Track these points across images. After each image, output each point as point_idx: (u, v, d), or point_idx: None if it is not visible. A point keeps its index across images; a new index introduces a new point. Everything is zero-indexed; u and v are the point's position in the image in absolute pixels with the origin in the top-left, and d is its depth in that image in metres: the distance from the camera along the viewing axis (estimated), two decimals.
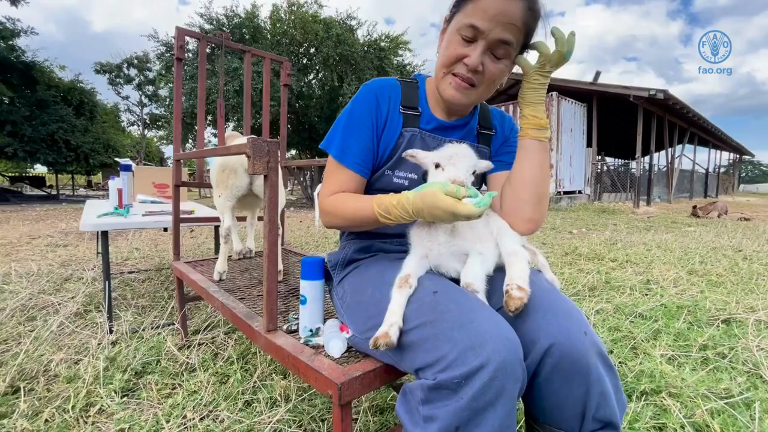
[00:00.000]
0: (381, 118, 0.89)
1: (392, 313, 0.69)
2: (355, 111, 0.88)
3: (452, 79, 0.83)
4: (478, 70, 0.80)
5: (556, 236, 5.02)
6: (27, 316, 1.96)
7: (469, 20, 0.77)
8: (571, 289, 2.51)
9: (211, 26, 8.91)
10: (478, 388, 0.56)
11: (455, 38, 0.80)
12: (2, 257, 3.42)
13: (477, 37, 0.78)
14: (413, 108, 0.90)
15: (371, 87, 0.90)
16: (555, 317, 0.67)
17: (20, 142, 11.49)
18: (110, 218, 1.84)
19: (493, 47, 0.79)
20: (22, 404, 1.20)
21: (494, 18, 0.75)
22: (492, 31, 0.76)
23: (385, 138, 0.89)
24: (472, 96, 0.85)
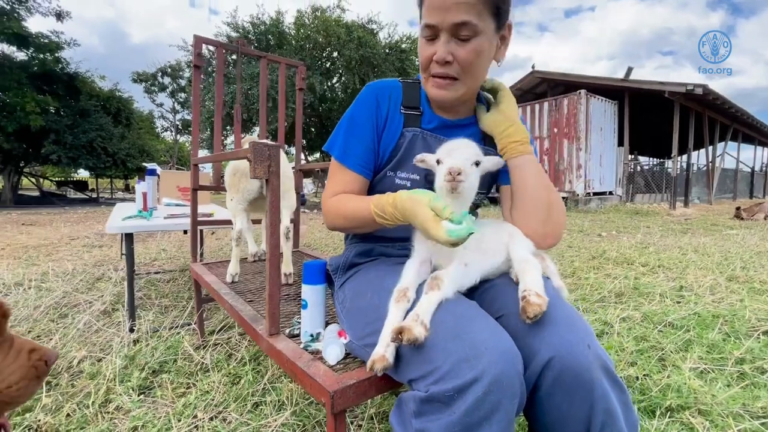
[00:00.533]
0: (381, 119, 0.88)
1: (386, 329, 0.66)
2: (356, 113, 0.88)
3: (432, 81, 0.83)
4: (448, 60, 0.78)
5: (584, 239, 4.83)
6: (59, 314, 2.07)
7: (424, 21, 0.78)
8: (596, 295, 2.40)
9: (237, 34, 9.19)
10: (471, 403, 0.54)
11: (421, 42, 0.81)
12: (44, 257, 3.64)
13: (437, 33, 0.78)
14: (414, 108, 0.89)
15: (372, 88, 0.90)
16: (556, 328, 0.63)
17: (64, 148, 12.25)
18: (134, 221, 1.91)
19: (454, 33, 0.76)
20: (44, 398, 1.26)
21: (441, 7, 0.74)
22: (444, 20, 0.75)
23: (386, 138, 0.88)
24: (460, 89, 0.83)
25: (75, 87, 13.19)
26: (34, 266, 3.16)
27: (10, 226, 6.24)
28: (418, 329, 0.60)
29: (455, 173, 0.65)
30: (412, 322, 0.61)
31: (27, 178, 16.23)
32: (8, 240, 4.73)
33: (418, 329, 0.60)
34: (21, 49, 11.92)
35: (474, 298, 0.79)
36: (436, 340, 0.60)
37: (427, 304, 0.64)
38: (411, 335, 0.59)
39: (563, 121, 10.38)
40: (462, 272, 0.69)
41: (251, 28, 9.28)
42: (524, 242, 0.82)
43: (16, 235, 5.13)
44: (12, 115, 11.14)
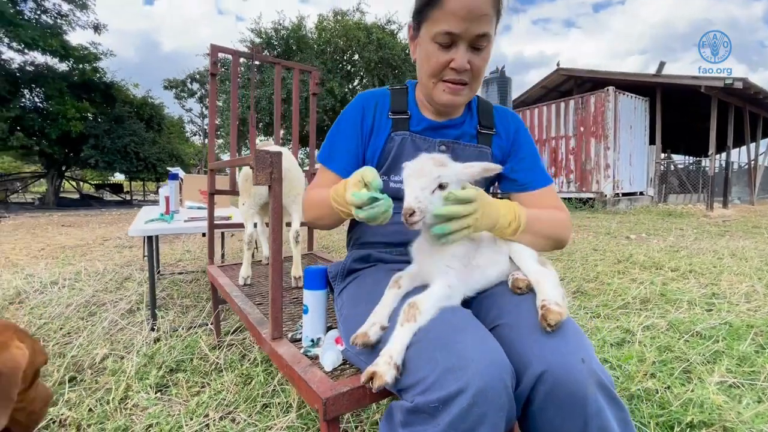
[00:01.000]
0: (366, 127, 0.91)
1: (375, 313, 0.69)
2: (341, 122, 0.93)
3: (444, 86, 0.83)
4: (466, 69, 0.80)
5: (610, 242, 4.65)
6: (88, 312, 2.18)
7: (442, 27, 0.76)
8: (619, 301, 2.30)
9: (261, 39, 9.44)
10: (456, 414, 0.53)
11: (433, 47, 0.80)
12: (79, 257, 3.84)
13: (455, 40, 0.78)
14: (402, 112, 0.91)
15: (359, 98, 0.94)
16: (549, 340, 0.61)
17: (101, 153, 12.94)
18: (155, 224, 1.99)
19: (473, 42, 0.78)
20: (67, 393, 1.32)
21: (466, 17, 0.75)
22: (468, 30, 0.76)
23: (374, 144, 0.90)
24: (468, 94, 0.85)
25: (111, 95, 13.92)
26: (69, 266, 3.35)
27: (51, 227, 6.64)
28: (390, 374, 0.58)
29: (407, 215, 0.61)
30: (385, 366, 0.58)
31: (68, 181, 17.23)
32: (48, 240, 5.03)
33: (390, 374, 0.58)
34: (63, 60, 12.68)
35: (471, 305, 0.78)
36: (424, 349, 0.59)
37: (402, 339, 0.61)
38: (382, 381, 0.57)
39: (590, 119, 10.04)
40: (445, 294, 0.66)
41: (273, 33, 9.50)
42: (528, 252, 0.80)
43: (56, 236, 5.45)
44: (55, 122, 11.89)
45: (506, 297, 0.74)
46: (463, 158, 0.89)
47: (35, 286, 2.61)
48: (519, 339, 0.64)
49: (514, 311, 0.69)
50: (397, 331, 0.62)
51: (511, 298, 0.73)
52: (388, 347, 0.61)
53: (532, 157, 0.93)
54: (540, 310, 0.65)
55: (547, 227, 0.80)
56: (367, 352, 0.69)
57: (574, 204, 9.98)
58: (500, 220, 0.72)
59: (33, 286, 2.62)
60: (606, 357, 1.55)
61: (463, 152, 0.90)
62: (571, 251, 4.04)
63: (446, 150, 0.89)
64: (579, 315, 2.12)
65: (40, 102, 12.89)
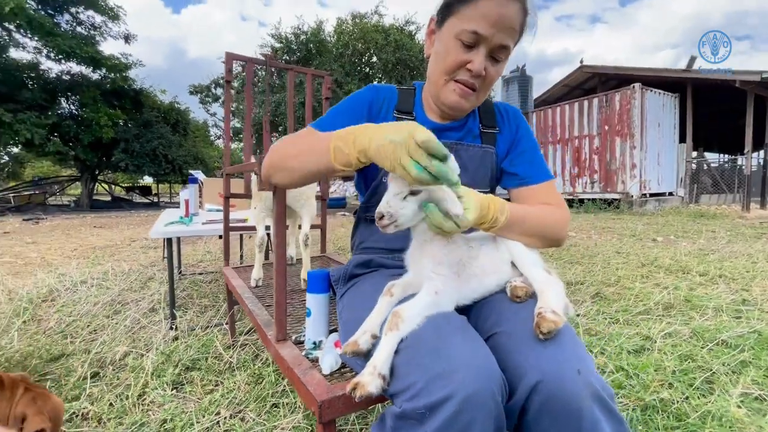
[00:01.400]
0: (373, 113, 0.90)
1: (368, 321, 0.69)
2: (348, 102, 0.90)
3: (455, 86, 0.82)
4: (482, 74, 0.79)
5: (635, 244, 4.49)
6: (113, 310, 2.29)
7: (470, 26, 0.76)
8: (641, 306, 2.22)
9: (281, 44, 9.62)
10: (442, 421, 0.52)
11: (454, 44, 0.79)
12: (107, 257, 4.03)
13: (478, 42, 0.77)
14: (407, 113, 0.90)
15: (370, 87, 0.93)
16: (545, 350, 0.60)
17: (130, 157, 13.53)
18: (174, 227, 2.07)
19: (494, 51, 0.78)
20: (90, 388, 1.39)
21: (496, 23, 0.74)
22: (494, 36, 0.76)
23: None
24: (474, 100, 0.85)
25: (140, 101, 14.52)
26: (99, 265, 3.51)
27: (84, 228, 6.97)
28: (374, 384, 0.57)
29: (377, 218, 0.63)
30: (369, 377, 0.58)
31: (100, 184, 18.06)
32: (81, 241, 5.29)
33: (374, 384, 0.57)
34: (96, 69, 13.33)
35: (470, 312, 0.78)
36: (413, 355, 0.59)
37: (386, 348, 0.61)
38: (364, 391, 0.57)
39: (615, 117, 9.73)
40: (431, 301, 0.65)
41: (293, 38, 9.67)
42: (533, 258, 0.78)
43: (88, 237, 5.72)
44: (88, 129, 12.50)
45: (505, 304, 0.73)
46: (467, 159, 0.89)
47: (66, 285, 2.75)
48: (515, 347, 0.64)
49: (512, 319, 0.69)
50: (382, 341, 0.62)
51: (510, 305, 0.73)
52: (373, 357, 0.61)
53: (532, 151, 0.92)
54: (536, 317, 0.64)
55: (535, 225, 0.78)
56: (362, 358, 0.70)
57: (598, 205, 9.68)
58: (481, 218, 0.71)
59: (64, 285, 2.76)
60: (622, 365, 1.50)
61: (466, 153, 0.90)
62: (592, 254, 3.92)
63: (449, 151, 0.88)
64: (597, 320, 2.06)
65: (75, 109, 13.59)
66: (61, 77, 13.39)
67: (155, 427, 1.22)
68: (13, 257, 4.12)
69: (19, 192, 15.73)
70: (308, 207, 1.53)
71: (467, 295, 0.74)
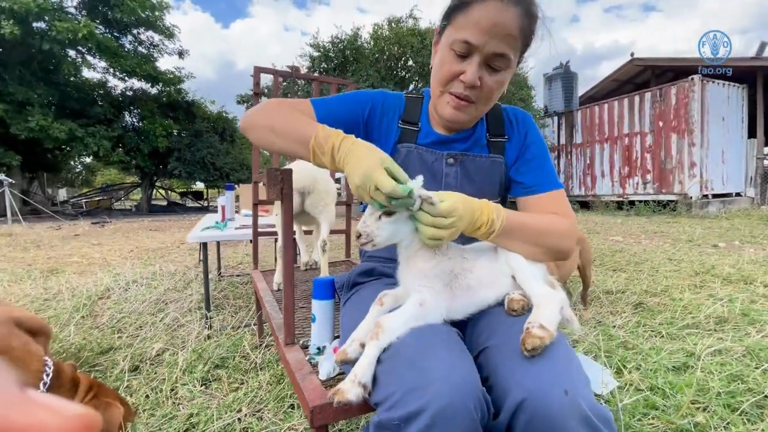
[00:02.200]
0: (373, 117, 0.88)
1: (358, 330, 0.70)
2: (355, 96, 0.89)
3: (450, 98, 0.80)
4: (476, 85, 0.76)
5: (690, 251, 4.13)
6: (158, 308, 2.47)
7: (462, 35, 0.73)
8: (688, 319, 2.04)
9: (319, 53, 9.92)
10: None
11: (448, 54, 0.77)
12: (158, 258, 4.35)
13: (471, 52, 0.74)
14: (413, 123, 0.88)
15: (380, 92, 0.91)
16: (533, 367, 0.58)
17: (183, 164, 14.57)
18: (209, 231, 2.20)
19: (489, 60, 0.75)
20: (131, 381, 1.52)
21: (488, 31, 0.71)
22: (487, 44, 0.72)
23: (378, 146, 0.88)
24: (472, 112, 0.81)
25: (192, 112, 15.61)
26: (149, 266, 3.80)
27: (141, 231, 7.58)
28: (353, 392, 0.59)
29: (356, 237, 0.66)
30: (349, 384, 0.59)
31: (158, 190, 19.58)
32: (137, 243, 5.76)
33: (353, 392, 0.59)
34: (154, 85, 14.52)
35: (466, 325, 0.76)
36: (395, 366, 0.60)
37: (367, 357, 0.62)
38: (343, 398, 0.58)
39: (670, 112, 9.02)
40: (416, 313, 0.65)
41: (331, 46, 9.94)
42: (533, 272, 0.75)
43: (144, 240, 6.22)
44: (147, 139, 13.62)
45: (500, 318, 0.71)
46: (474, 170, 0.87)
47: (120, 284, 3.01)
48: (503, 363, 0.62)
49: (504, 333, 0.67)
50: (365, 350, 0.63)
51: (505, 319, 0.70)
52: (355, 366, 0.62)
53: (541, 159, 0.87)
54: (523, 333, 0.62)
55: (536, 235, 0.75)
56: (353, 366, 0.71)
57: (651, 207, 9.00)
58: (475, 223, 0.70)
59: (118, 284, 3.02)
60: (657, 383, 1.39)
61: (473, 164, 0.87)
62: (639, 260, 3.66)
63: (454, 163, 0.86)
64: (636, 333, 1.92)
65: (136, 122, 14.87)
66: (125, 93, 14.74)
67: (182, 420, 1.30)
68: (80, 257, 4.57)
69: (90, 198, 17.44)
70: (327, 213, 1.56)
71: (461, 308, 0.73)
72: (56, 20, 10.85)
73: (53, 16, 10.94)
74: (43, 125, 11.01)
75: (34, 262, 4.21)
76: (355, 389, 0.59)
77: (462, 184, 0.85)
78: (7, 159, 11.46)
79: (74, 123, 11.96)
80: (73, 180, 27.93)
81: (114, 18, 12.72)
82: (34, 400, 0.14)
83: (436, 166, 0.85)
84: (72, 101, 12.97)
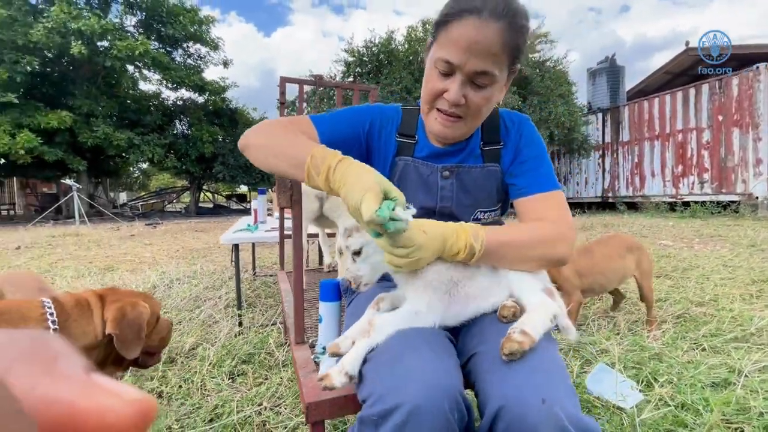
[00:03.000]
0: (373, 131, 0.88)
1: (352, 328, 0.73)
2: (354, 111, 0.89)
3: (437, 115, 0.80)
4: (460, 103, 0.75)
5: (751, 256, 3.77)
6: (195, 305, 2.64)
7: (442, 54, 0.73)
8: (737, 332, 1.88)
9: (353, 58, 10.10)
10: (390, 429, 0.55)
11: (433, 72, 0.77)
12: (200, 257, 4.64)
13: (453, 70, 0.73)
14: (409, 136, 0.88)
15: (377, 106, 0.92)
16: (512, 375, 0.58)
17: (227, 169, 15.41)
18: (241, 233, 2.32)
19: (472, 78, 0.73)
20: (166, 372, 1.64)
21: (467, 49, 0.70)
22: (467, 63, 0.71)
23: (375, 162, 0.89)
24: (462, 128, 0.80)
25: (235, 119, 16.49)
26: (192, 265, 4.06)
27: (188, 232, 8.10)
28: (338, 379, 0.64)
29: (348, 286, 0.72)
30: (336, 372, 0.64)
31: (204, 193, 20.82)
32: (184, 243, 6.16)
33: (338, 379, 0.64)
34: (201, 94, 15.50)
35: (460, 330, 0.77)
36: (379, 364, 0.62)
37: (355, 351, 0.66)
38: (329, 382, 0.63)
39: (731, 105, 8.28)
40: (409, 319, 0.68)
41: (365, 51, 10.08)
42: (529, 280, 0.75)
43: (190, 240, 6.64)
44: (195, 145, 14.53)
45: (491, 325, 0.71)
46: (469, 182, 0.87)
47: (165, 281, 3.25)
48: (487, 369, 0.62)
49: (491, 340, 0.67)
50: (355, 344, 0.67)
51: (496, 326, 0.70)
52: (344, 357, 0.66)
53: (535, 160, 0.84)
54: (504, 337, 0.62)
55: (521, 249, 0.73)
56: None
57: (709, 209, 8.28)
58: (446, 250, 0.69)
59: (163, 281, 3.26)
60: (691, 399, 1.30)
61: (468, 175, 0.86)
62: (688, 266, 3.40)
63: (449, 176, 0.85)
64: (674, 345, 1.80)
65: (185, 129, 15.92)
66: (176, 103, 15.86)
67: (208, 410, 1.39)
68: (133, 256, 4.97)
69: (145, 201, 18.85)
70: (344, 217, 1.61)
71: (455, 316, 0.73)
72: (117, 39, 11.90)
73: (114, 35, 12.01)
74: (107, 132, 12.13)
75: (94, 260, 4.64)
76: (341, 377, 0.63)
77: (458, 197, 0.85)
78: (75, 165, 12.72)
79: (132, 132, 13.08)
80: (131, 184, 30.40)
81: (167, 34, 13.74)
82: (98, 385, 0.14)
83: (431, 180, 0.85)
84: (130, 112, 14.18)
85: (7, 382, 0.12)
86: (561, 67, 11.01)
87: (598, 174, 11.83)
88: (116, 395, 0.14)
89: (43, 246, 6.01)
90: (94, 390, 0.14)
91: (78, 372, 0.14)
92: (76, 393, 0.13)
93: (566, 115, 9.97)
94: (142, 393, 0.15)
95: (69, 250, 5.50)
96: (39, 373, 0.13)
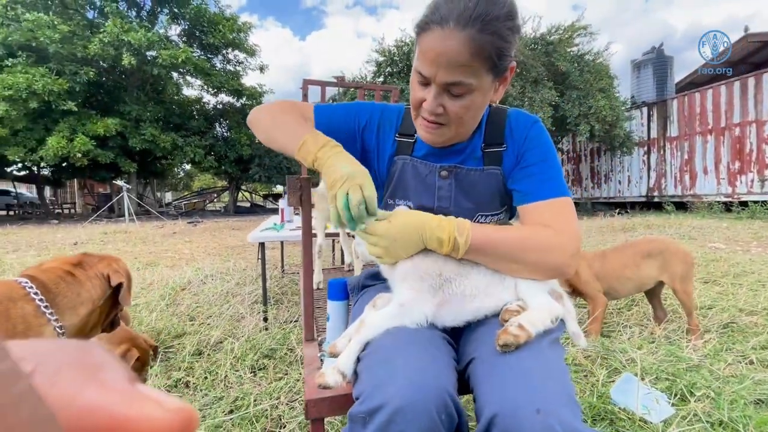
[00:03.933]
0: (369, 128, 0.88)
1: (350, 327, 0.74)
2: (355, 106, 0.90)
3: (421, 121, 0.79)
4: (437, 113, 0.74)
5: None
6: (226, 301, 2.75)
7: (417, 65, 0.73)
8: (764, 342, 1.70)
9: (384, 57, 10.15)
10: (376, 427, 0.55)
11: (414, 80, 0.76)
12: (234, 255, 4.83)
13: (429, 82, 0.72)
14: (409, 135, 0.87)
15: (381, 105, 0.92)
16: (508, 382, 0.56)
17: (263, 170, 16.01)
18: (267, 232, 2.40)
19: (447, 88, 0.71)
20: (193, 363, 1.73)
21: (434, 62, 0.68)
22: (437, 75, 0.69)
23: (372, 159, 0.89)
24: (447, 134, 0.78)
25: None
26: (227, 262, 4.25)
27: (226, 230, 8.47)
28: (332, 377, 0.64)
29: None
30: (331, 370, 0.65)
31: (242, 193, 21.71)
32: (221, 241, 6.45)
33: (332, 377, 0.64)
34: (239, 99, 16.19)
35: (461, 333, 0.75)
36: (371, 363, 0.63)
37: (349, 351, 0.66)
38: (323, 380, 0.64)
39: None
40: (395, 313, 0.67)
41: (396, 50, 10.10)
42: (538, 284, 0.73)
43: (226, 238, 6.94)
44: (233, 147, 15.21)
45: (492, 328, 0.69)
46: (468, 184, 0.84)
47: (200, 277, 3.42)
48: (483, 375, 0.61)
49: (490, 344, 0.65)
50: (349, 344, 0.68)
51: (496, 329, 0.68)
52: (339, 356, 0.67)
53: (540, 164, 0.79)
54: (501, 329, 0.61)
55: (512, 251, 0.70)
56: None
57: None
58: (426, 240, 0.70)
59: (198, 277, 3.43)
60: (729, 417, 1.19)
61: (466, 178, 0.83)
62: (740, 272, 3.13)
63: (447, 176, 0.83)
64: (718, 357, 1.66)
65: (225, 132, 16.69)
66: (216, 107, 16.66)
67: (229, 401, 1.45)
68: (174, 253, 5.27)
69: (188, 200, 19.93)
70: None
71: (452, 315, 0.72)
72: (162, 49, 12.66)
73: (160, 45, 12.79)
74: (153, 134, 13.03)
75: (139, 256, 4.96)
76: (335, 376, 0.64)
77: (456, 198, 0.82)
78: (126, 167, 13.70)
79: (176, 134, 13.90)
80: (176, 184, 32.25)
81: (207, 42, 14.47)
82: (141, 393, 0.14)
83: (429, 179, 0.83)
84: (174, 116, 15.07)
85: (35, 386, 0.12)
86: (602, 60, 10.45)
87: (642, 172, 11.13)
88: (158, 404, 0.14)
89: (96, 242, 6.51)
90: (137, 398, 0.14)
91: (121, 381, 0.14)
92: (120, 401, 0.13)
93: (607, 110, 9.45)
94: (184, 402, 0.15)
95: (118, 246, 5.91)
96: (84, 380, 0.14)
